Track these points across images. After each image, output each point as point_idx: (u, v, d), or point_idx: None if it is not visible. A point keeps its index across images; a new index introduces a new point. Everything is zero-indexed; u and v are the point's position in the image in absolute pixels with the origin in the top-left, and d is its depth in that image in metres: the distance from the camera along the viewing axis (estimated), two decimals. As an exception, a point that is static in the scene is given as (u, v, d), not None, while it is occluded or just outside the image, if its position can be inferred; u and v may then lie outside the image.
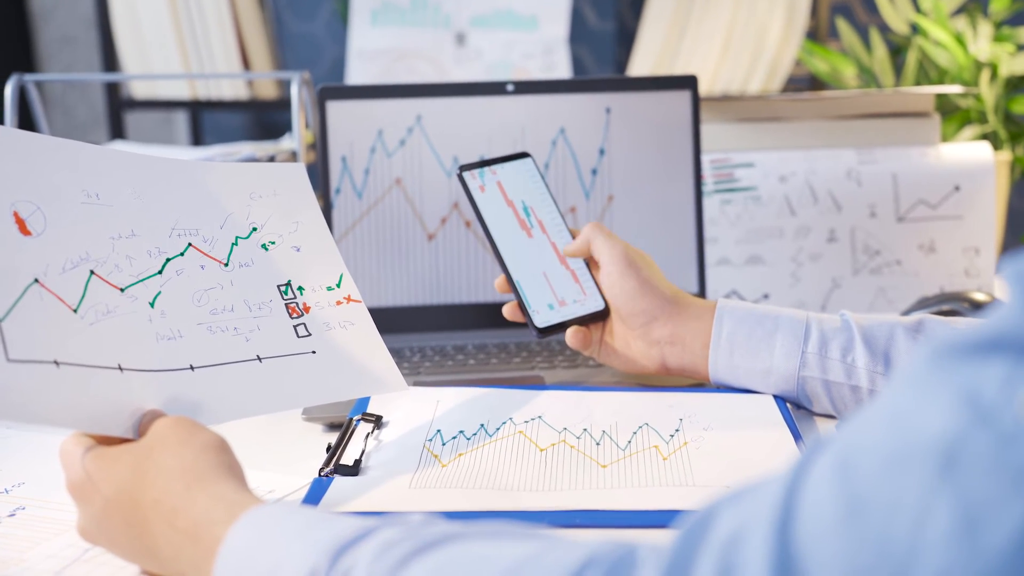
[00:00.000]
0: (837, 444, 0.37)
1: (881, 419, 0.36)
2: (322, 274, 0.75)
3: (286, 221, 0.75)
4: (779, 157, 1.20)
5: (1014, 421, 0.32)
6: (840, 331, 0.78)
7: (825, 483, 0.36)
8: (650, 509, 0.64)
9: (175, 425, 0.60)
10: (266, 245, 0.74)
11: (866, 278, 1.18)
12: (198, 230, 0.72)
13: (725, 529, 0.38)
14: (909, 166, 1.19)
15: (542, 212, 0.91)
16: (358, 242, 1.07)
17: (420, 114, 1.07)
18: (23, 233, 0.63)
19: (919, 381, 0.36)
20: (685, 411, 0.79)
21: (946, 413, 0.34)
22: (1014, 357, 0.33)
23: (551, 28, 1.91)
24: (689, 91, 1.10)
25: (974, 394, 0.33)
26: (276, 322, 0.72)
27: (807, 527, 0.35)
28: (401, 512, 0.52)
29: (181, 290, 0.69)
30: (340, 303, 0.75)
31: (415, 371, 0.96)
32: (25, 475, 0.74)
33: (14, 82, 1.24)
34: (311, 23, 2.30)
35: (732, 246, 1.18)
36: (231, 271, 0.72)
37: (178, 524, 0.54)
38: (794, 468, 0.38)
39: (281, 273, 0.73)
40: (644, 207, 1.09)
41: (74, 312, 0.63)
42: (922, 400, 0.35)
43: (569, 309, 0.88)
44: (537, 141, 1.08)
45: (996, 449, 0.32)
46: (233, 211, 0.73)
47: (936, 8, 1.52)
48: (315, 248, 0.75)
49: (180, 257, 0.70)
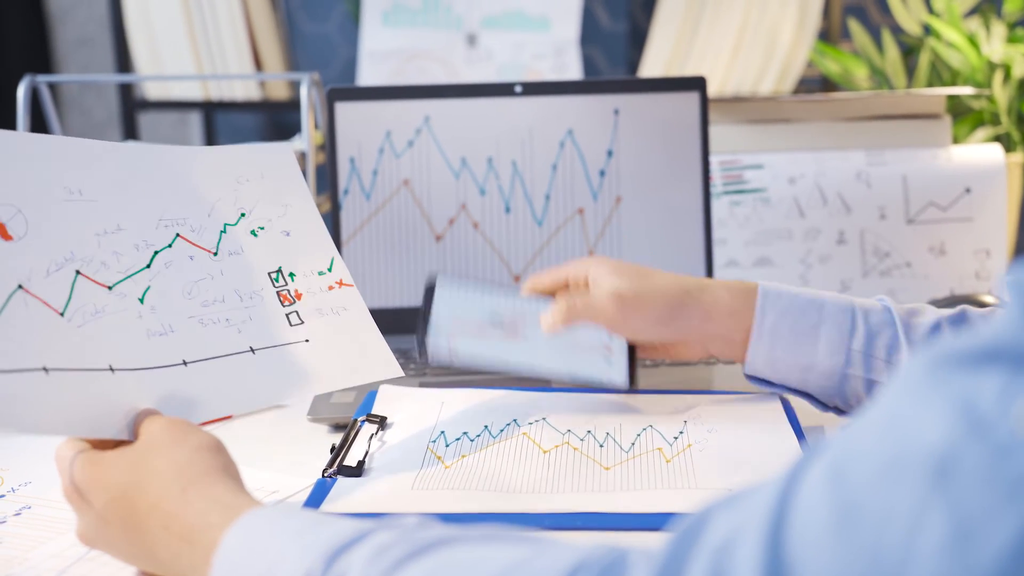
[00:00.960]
0: (832, 450, 0.37)
1: (876, 426, 0.36)
2: (313, 258, 0.73)
3: (274, 205, 0.73)
4: (788, 159, 1.19)
5: (1009, 433, 0.32)
6: (885, 325, 0.74)
7: (818, 490, 0.36)
8: (651, 512, 0.64)
9: (168, 427, 0.59)
10: (255, 231, 0.72)
11: (875, 280, 1.17)
12: (186, 219, 0.70)
13: (718, 534, 0.38)
14: (919, 168, 1.18)
15: (504, 308, 0.81)
16: (366, 243, 1.08)
17: (428, 115, 1.08)
18: (4, 238, 0.61)
19: (915, 389, 0.35)
20: (690, 414, 0.79)
21: (941, 423, 0.33)
22: (1011, 368, 0.33)
23: (562, 29, 1.91)
24: (698, 92, 1.10)
25: (970, 404, 0.33)
26: (268, 311, 0.70)
27: (799, 534, 0.35)
28: (397, 514, 0.52)
29: (171, 283, 0.68)
30: (332, 288, 0.73)
31: (421, 372, 0.96)
32: (32, 474, 0.75)
33: (27, 83, 1.25)
34: (324, 24, 2.31)
35: (741, 248, 1.18)
36: (220, 260, 0.70)
37: (175, 528, 0.54)
38: (788, 473, 0.37)
39: (271, 260, 0.72)
40: (652, 208, 1.09)
41: (61, 316, 0.62)
42: (918, 409, 0.35)
43: (617, 346, 0.81)
44: (545, 142, 1.08)
45: (990, 461, 0.32)
46: (220, 197, 0.71)
47: (949, 9, 1.51)
48: (305, 231, 0.73)
49: (168, 249, 0.69)
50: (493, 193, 1.09)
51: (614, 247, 1.08)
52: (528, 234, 1.08)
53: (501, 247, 1.08)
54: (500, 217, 1.09)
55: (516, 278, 1.08)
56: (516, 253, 1.09)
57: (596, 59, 2.28)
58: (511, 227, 1.09)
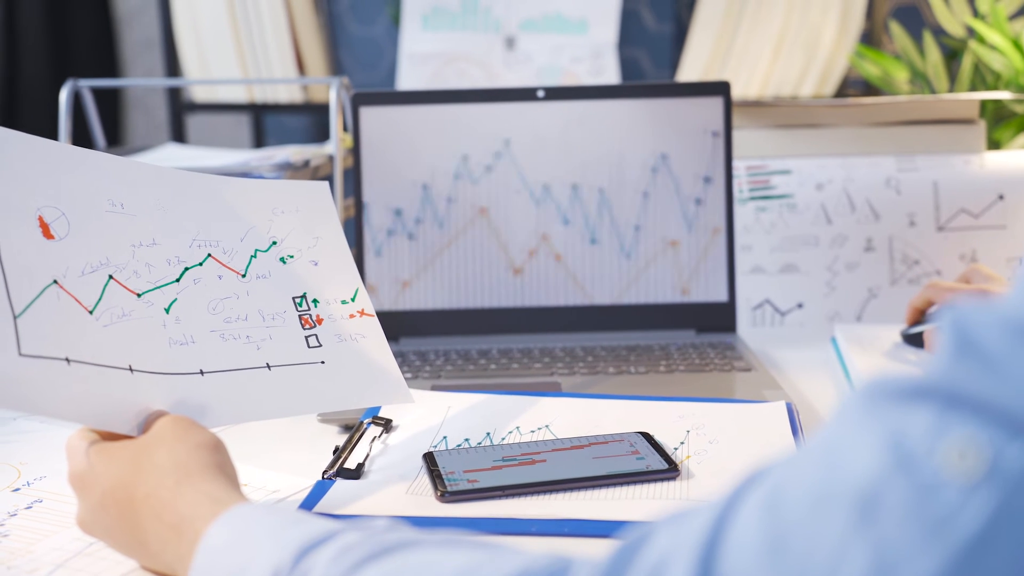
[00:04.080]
0: (772, 477, 0.37)
1: (813, 456, 0.36)
2: (338, 288, 0.76)
3: (306, 236, 0.76)
4: (816, 164, 1.18)
5: (934, 472, 0.32)
6: None
7: (753, 517, 0.36)
8: (637, 520, 0.64)
9: (173, 423, 0.62)
10: (284, 258, 0.75)
11: (904, 288, 1.15)
12: (218, 242, 0.73)
13: (656, 552, 0.38)
14: (951, 174, 1.16)
15: (512, 450, 0.74)
16: (391, 246, 1.09)
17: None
18: (46, 237, 0.66)
19: (851, 420, 0.35)
20: (694, 422, 0.79)
21: (870, 457, 0.33)
22: (941, 406, 0.33)
23: (600, 32, 1.91)
24: (721, 97, 1.09)
25: (899, 440, 0.33)
26: (288, 332, 0.73)
27: (730, 560, 0.35)
28: (369, 516, 0.52)
29: (197, 298, 0.71)
30: (353, 316, 0.76)
31: (436, 374, 0.97)
32: (47, 469, 0.77)
33: (69, 87, 1.28)
34: (371, 27, 2.33)
35: (766, 254, 1.17)
36: (248, 282, 0.74)
37: (165, 518, 0.56)
38: (728, 497, 0.37)
39: (297, 285, 0.75)
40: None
41: (90, 313, 0.66)
42: (850, 440, 0.34)
43: (639, 443, 0.75)
44: (568, 146, 1.08)
45: (914, 498, 0.32)
46: (255, 224, 0.75)
47: (994, 11, 1.47)
48: (333, 263, 0.77)
49: (199, 267, 0.72)
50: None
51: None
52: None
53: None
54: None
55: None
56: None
57: (641, 60, 2.27)
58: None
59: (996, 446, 0.31)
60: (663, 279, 1.09)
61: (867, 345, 1.01)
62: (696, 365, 0.97)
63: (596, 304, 1.09)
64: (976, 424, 0.32)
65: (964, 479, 0.31)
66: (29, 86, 2.36)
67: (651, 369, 0.97)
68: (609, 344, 1.05)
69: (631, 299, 1.09)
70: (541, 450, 0.73)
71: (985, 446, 0.31)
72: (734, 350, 1.02)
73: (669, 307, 1.09)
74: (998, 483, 0.31)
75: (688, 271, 1.09)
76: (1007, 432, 0.31)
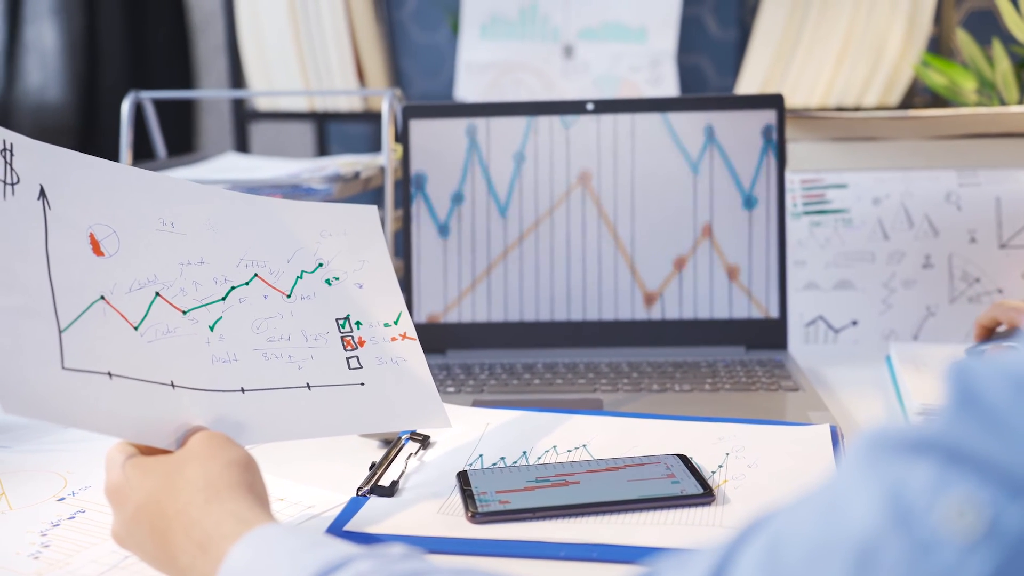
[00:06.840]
0: (773, 525, 0.36)
1: (814, 506, 0.35)
2: (381, 311, 0.76)
3: (352, 259, 0.77)
4: (874, 178, 1.15)
5: (932, 529, 0.31)
6: None
7: (752, 565, 0.35)
8: (667, 547, 0.63)
9: (208, 440, 0.62)
10: (330, 280, 0.76)
11: (963, 306, 1.12)
12: (265, 262, 0.74)
13: None
14: (1015, 189, 1.12)
15: (545, 471, 0.73)
16: (440, 258, 1.09)
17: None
18: (96, 253, 0.67)
19: (853, 471, 0.34)
20: (734, 444, 0.77)
21: (869, 510, 0.33)
22: (942, 461, 0.32)
23: (659, 40, 1.89)
24: (775, 110, 1.07)
25: (899, 494, 0.32)
26: (330, 353, 0.74)
27: None
28: (387, 542, 0.52)
29: (241, 317, 0.72)
30: (395, 339, 0.76)
31: (479, 389, 0.97)
32: (93, 479, 0.79)
33: (131, 99, 1.31)
34: (433, 35, 2.35)
35: (821, 270, 1.15)
36: (293, 302, 0.74)
37: (194, 535, 0.56)
38: (729, 544, 0.37)
39: (341, 307, 0.75)
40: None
41: (135, 329, 0.67)
42: (851, 492, 0.34)
43: (675, 466, 0.75)
44: (614, 158, 1.07)
45: (912, 555, 0.31)
46: (302, 246, 0.76)
47: (1066, 18, 1.42)
48: (377, 286, 0.77)
49: (245, 286, 0.73)
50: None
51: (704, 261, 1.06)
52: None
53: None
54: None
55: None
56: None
57: (704, 68, 2.24)
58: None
59: (996, 506, 0.30)
60: (713, 294, 1.07)
61: (922, 365, 0.98)
62: (742, 384, 0.96)
63: (643, 319, 1.08)
64: (976, 482, 0.31)
65: (963, 538, 0.30)
66: (109, 92, 2.42)
67: (696, 387, 0.95)
68: (656, 359, 1.04)
69: (679, 314, 1.07)
70: (575, 471, 0.73)
71: (985, 505, 0.30)
72: (783, 368, 1.00)
73: (718, 323, 1.07)
74: (997, 543, 0.30)
75: (739, 286, 1.07)
76: (1007, 492, 0.30)
